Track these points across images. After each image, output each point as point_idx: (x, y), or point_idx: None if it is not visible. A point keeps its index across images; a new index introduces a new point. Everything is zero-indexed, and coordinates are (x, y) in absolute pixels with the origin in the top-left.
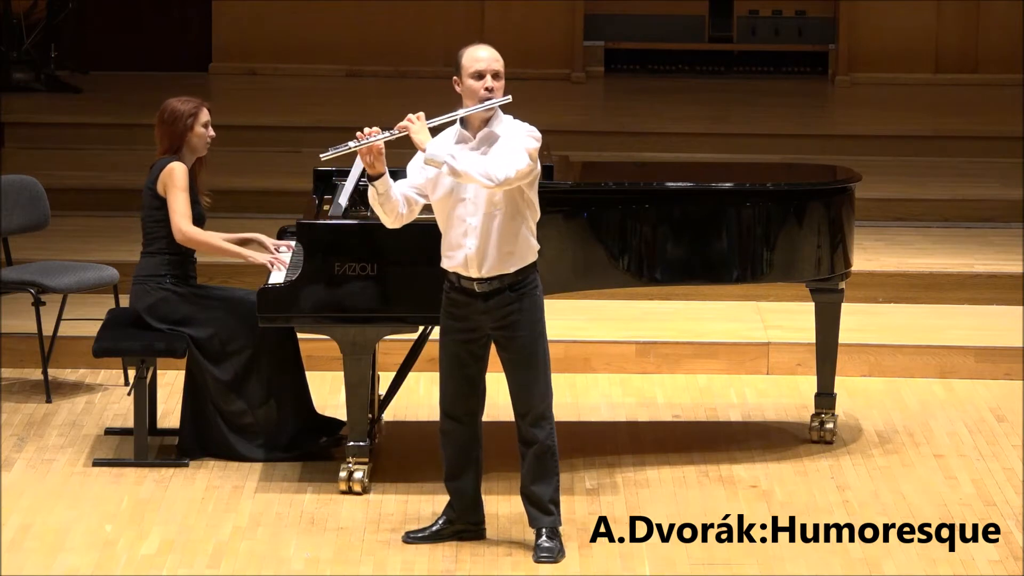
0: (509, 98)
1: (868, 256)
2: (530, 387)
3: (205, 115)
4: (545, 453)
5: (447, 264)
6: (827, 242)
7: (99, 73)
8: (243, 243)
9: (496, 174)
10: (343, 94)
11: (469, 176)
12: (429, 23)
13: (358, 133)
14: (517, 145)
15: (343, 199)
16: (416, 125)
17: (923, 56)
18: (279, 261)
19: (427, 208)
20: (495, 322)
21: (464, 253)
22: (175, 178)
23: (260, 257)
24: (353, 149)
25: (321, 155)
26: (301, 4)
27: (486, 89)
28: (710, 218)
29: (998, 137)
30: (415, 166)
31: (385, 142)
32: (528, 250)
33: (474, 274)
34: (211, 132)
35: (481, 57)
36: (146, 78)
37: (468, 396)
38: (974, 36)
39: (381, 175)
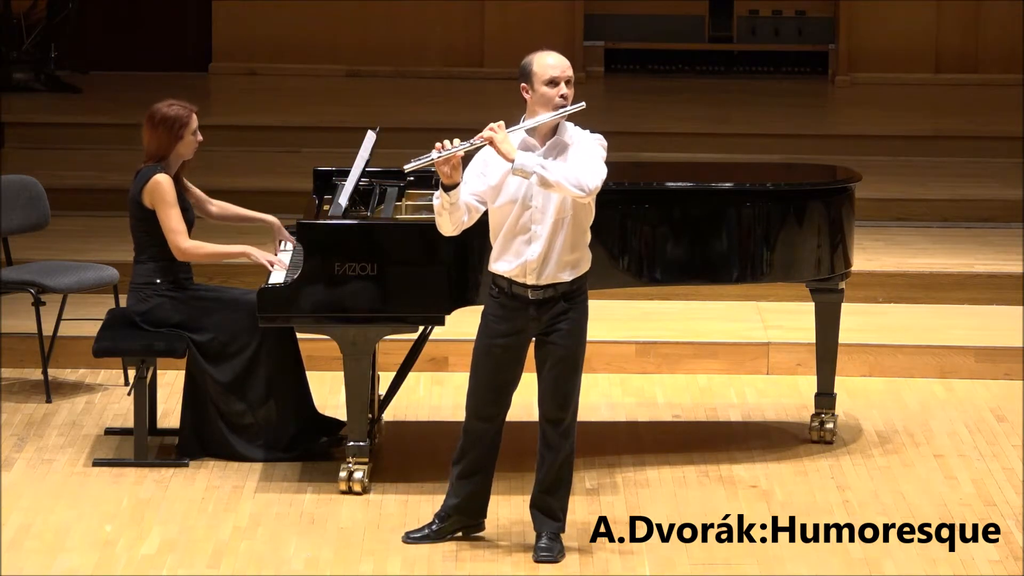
0: (583, 105)
1: (868, 256)
2: (567, 396)
3: (194, 122)
4: (566, 463)
5: (499, 269)
6: (827, 242)
7: (99, 73)
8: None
9: (588, 183)
10: (343, 94)
11: (561, 186)
12: (429, 23)
13: (437, 144)
14: (594, 153)
15: (343, 199)
16: (500, 135)
17: (923, 56)
18: (279, 262)
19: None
20: (543, 328)
21: (524, 260)
22: (163, 193)
23: (261, 257)
24: (434, 160)
25: (405, 167)
26: (301, 4)
27: (561, 96)
28: (710, 218)
29: (998, 137)
30: (473, 172)
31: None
32: (585, 258)
33: (530, 281)
34: (199, 137)
35: (554, 64)
36: (146, 78)
37: (499, 399)
38: (974, 36)
39: (456, 185)
